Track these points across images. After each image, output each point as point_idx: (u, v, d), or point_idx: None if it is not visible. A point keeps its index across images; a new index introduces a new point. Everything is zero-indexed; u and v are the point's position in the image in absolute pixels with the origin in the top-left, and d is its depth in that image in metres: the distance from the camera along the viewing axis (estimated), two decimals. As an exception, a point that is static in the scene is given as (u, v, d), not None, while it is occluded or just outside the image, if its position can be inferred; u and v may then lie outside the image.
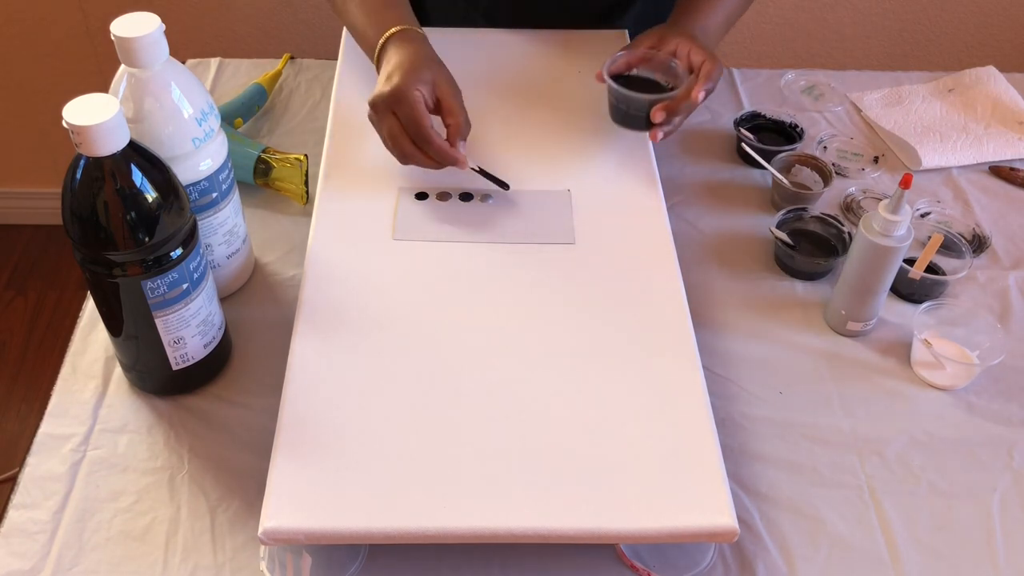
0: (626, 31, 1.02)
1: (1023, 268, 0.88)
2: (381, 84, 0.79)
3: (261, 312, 0.81)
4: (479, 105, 0.91)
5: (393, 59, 0.80)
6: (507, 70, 0.96)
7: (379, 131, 0.80)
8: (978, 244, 0.90)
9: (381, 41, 0.83)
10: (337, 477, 0.61)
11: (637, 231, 0.79)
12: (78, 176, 0.61)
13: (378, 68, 0.83)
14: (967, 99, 1.08)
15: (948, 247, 0.85)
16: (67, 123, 0.59)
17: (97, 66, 1.74)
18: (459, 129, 0.79)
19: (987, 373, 0.78)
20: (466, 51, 0.98)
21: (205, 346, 0.73)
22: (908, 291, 0.85)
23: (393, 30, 0.83)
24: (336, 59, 0.97)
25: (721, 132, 1.03)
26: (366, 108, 0.90)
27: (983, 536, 0.68)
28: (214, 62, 1.10)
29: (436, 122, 0.79)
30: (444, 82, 0.80)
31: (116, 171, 0.61)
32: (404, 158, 0.78)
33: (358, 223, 0.79)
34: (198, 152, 0.72)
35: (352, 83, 0.93)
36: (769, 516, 0.68)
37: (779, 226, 0.87)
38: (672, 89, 0.86)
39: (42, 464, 0.70)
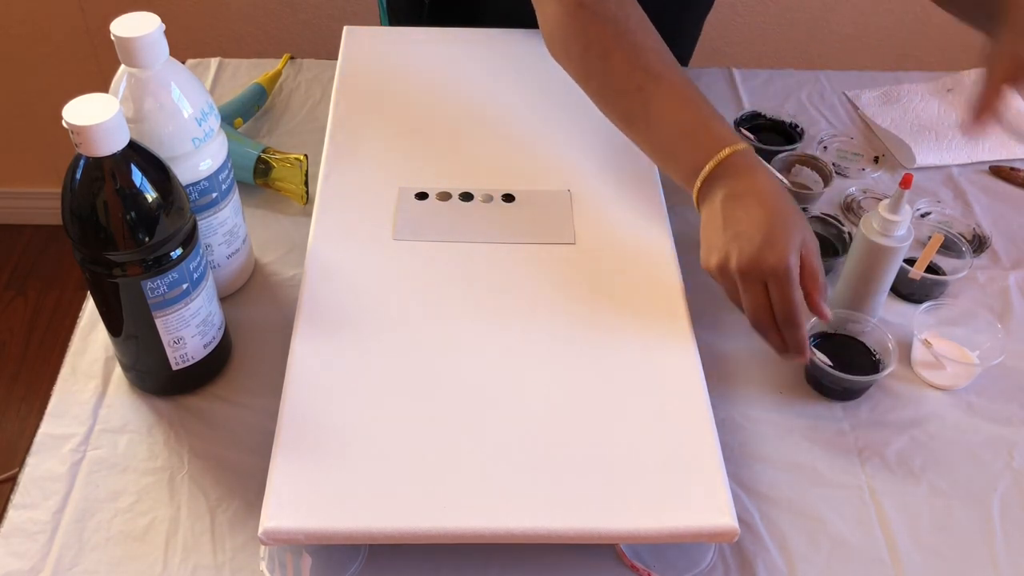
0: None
1: (1023, 268, 0.88)
2: (756, 246, 0.67)
3: (261, 312, 0.81)
4: (479, 105, 0.91)
5: (749, 199, 0.69)
6: (507, 70, 0.96)
7: (735, 289, 0.70)
8: (978, 244, 0.90)
9: (712, 164, 0.71)
10: (337, 477, 0.61)
11: (637, 231, 0.79)
12: (78, 176, 0.61)
13: (704, 196, 0.72)
14: (966, 99, 1.08)
15: (948, 247, 0.85)
16: (67, 123, 0.59)
17: (97, 66, 1.74)
18: (821, 294, 0.70)
19: (987, 373, 0.78)
20: (467, 51, 0.98)
21: (205, 346, 0.73)
22: (908, 291, 0.84)
23: (728, 151, 0.70)
24: (336, 59, 0.97)
25: (721, 132, 1.02)
26: (366, 108, 0.90)
27: (983, 536, 0.68)
28: (214, 62, 1.10)
29: None
30: (810, 238, 0.70)
31: (116, 171, 0.61)
32: (757, 330, 0.70)
33: (358, 223, 0.79)
34: (198, 152, 0.72)
35: (352, 83, 0.93)
36: (769, 516, 0.68)
37: (779, 226, 0.86)
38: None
39: (42, 464, 0.70)
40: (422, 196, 0.81)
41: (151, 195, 0.63)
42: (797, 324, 0.68)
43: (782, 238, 0.67)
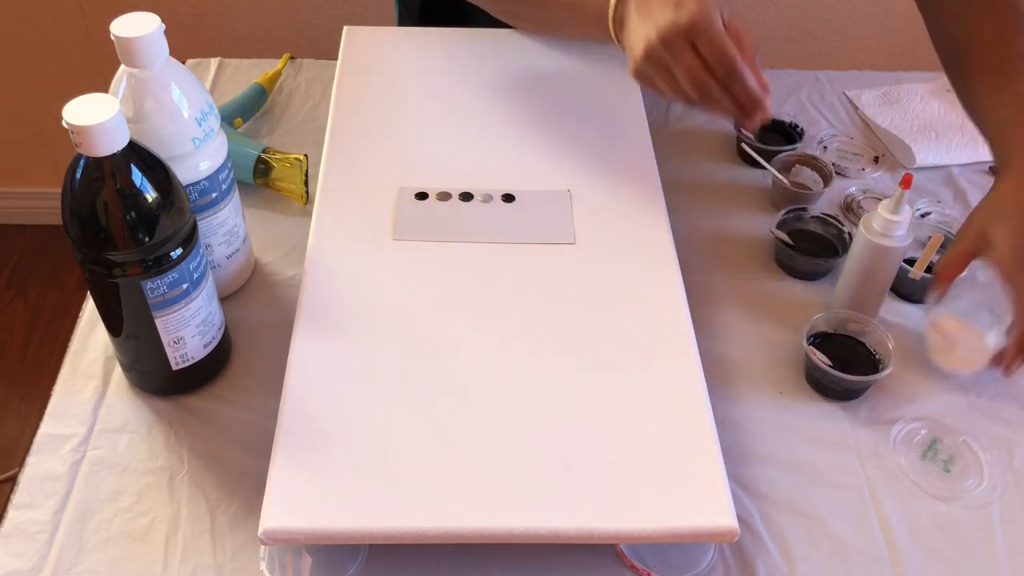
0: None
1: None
2: (670, 12, 0.65)
3: (261, 312, 0.81)
4: (479, 105, 0.91)
5: None
6: (507, 70, 0.96)
7: (664, 74, 0.68)
8: (978, 244, 0.90)
9: None
10: (337, 477, 0.61)
11: (637, 231, 0.79)
12: (78, 176, 0.61)
13: (620, 19, 0.71)
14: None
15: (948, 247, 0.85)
16: (67, 123, 0.59)
17: (97, 66, 1.74)
18: (756, 55, 0.67)
19: (987, 373, 0.78)
20: (467, 51, 0.98)
21: (205, 346, 0.73)
22: (908, 291, 0.85)
23: None
24: (336, 59, 0.97)
25: (721, 132, 1.03)
26: (366, 108, 0.90)
27: (983, 536, 0.68)
28: (214, 62, 1.10)
29: None
30: (727, 7, 0.68)
31: (116, 171, 0.61)
32: (704, 102, 0.68)
33: (358, 223, 0.79)
34: (198, 152, 0.72)
35: (352, 83, 0.93)
36: (769, 516, 0.68)
37: (779, 226, 0.87)
38: None
39: (42, 464, 0.70)
40: (422, 196, 0.81)
41: (151, 195, 0.63)
42: (740, 74, 0.65)
43: (695, 0, 0.65)
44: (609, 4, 0.72)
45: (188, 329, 0.70)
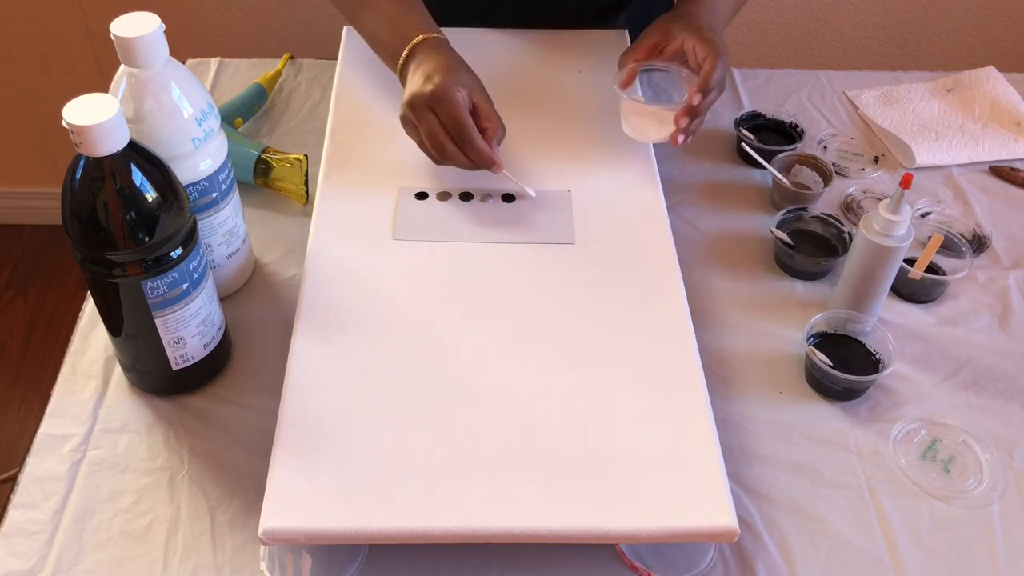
0: (626, 31, 1.02)
1: (1023, 268, 0.88)
2: (419, 84, 0.78)
3: (261, 312, 0.81)
4: (479, 105, 0.91)
5: (427, 63, 0.80)
6: (506, 70, 0.96)
7: (415, 130, 0.80)
8: (978, 244, 0.90)
9: (408, 48, 0.82)
10: (337, 477, 0.61)
11: (637, 231, 0.79)
12: (78, 176, 0.61)
13: (403, 74, 0.83)
14: (965, 99, 1.08)
15: (948, 247, 0.86)
16: (67, 123, 0.59)
17: (97, 66, 1.74)
18: (496, 133, 0.80)
19: (987, 373, 0.78)
20: (465, 51, 0.97)
21: (205, 346, 0.73)
22: (908, 291, 0.85)
23: (421, 37, 0.83)
24: (336, 59, 0.97)
25: (721, 132, 1.03)
26: (366, 108, 0.90)
27: (983, 536, 0.68)
28: (214, 62, 1.10)
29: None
30: (479, 87, 0.81)
31: (116, 171, 0.61)
32: (442, 158, 0.78)
33: (358, 223, 0.79)
34: (198, 152, 0.72)
35: (352, 83, 0.93)
36: (769, 516, 0.68)
37: (779, 226, 0.87)
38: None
39: (42, 464, 0.70)
40: (422, 196, 0.81)
41: (151, 195, 0.63)
42: (470, 139, 0.77)
43: (441, 76, 0.78)
44: (400, 57, 0.83)
45: (188, 329, 0.70)
